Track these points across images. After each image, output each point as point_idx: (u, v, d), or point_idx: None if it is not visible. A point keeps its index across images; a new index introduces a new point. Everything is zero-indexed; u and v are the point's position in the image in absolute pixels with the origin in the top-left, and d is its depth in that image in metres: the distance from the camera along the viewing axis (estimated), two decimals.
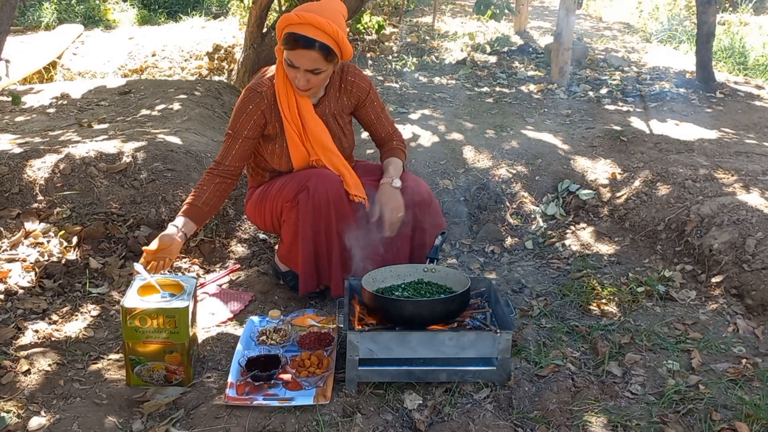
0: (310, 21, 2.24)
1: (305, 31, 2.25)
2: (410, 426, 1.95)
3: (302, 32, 2.25)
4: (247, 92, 2.47)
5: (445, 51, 7.07)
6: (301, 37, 2.25)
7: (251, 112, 2.44)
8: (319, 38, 2.25)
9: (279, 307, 2.62)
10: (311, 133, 2.47)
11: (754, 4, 9.50)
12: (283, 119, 2.46)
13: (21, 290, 2.61)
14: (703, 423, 1.93)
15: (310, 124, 2.47)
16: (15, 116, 4.28)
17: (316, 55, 2.27)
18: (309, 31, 2.25)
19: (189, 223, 2.37)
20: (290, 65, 2.32)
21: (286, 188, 2.47)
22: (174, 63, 7.16)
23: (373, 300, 2.15)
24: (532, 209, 3.48)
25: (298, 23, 2.25)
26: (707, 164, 3.47)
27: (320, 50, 2.27)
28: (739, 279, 2.66)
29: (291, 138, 2.47)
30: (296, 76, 2.34)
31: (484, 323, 2.18)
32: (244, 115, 2.45)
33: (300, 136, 2.47)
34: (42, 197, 3.04)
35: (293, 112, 2.45)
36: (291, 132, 2.46)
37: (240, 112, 2.45)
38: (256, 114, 2.45)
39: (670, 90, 5.47)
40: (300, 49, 2.27)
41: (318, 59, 2.29)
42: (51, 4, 8.66)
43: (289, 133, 2.47)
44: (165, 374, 2.08)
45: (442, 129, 4.24)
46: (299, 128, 2.47)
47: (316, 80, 2.36)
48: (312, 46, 2.26)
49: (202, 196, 2.42)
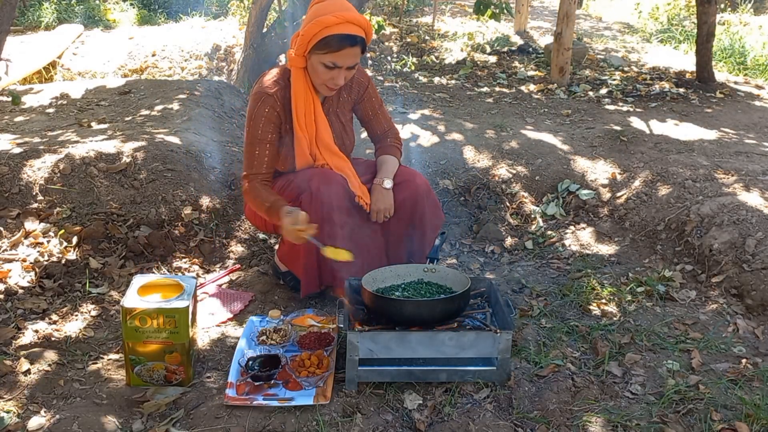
0: (349, 19, 2.27)
1: (348, 30, 2.27)
2: (410, 426, 1.95)
3: (346, 31, 2.27)
4: (259, 96, 2.44)
5: (445, 51, 7.07)
6: (348, 37, 2.27)
7: (269, 115, 2.43)
8: (359, 34, 2.30)
9: (279, 307, 2.62)
10: (320, 139, 2.48)
11: (753, 3, 9.50)
12: (294, 125, 2.45)
13: (21, 290, 2.61)
14: (703, 423, 1.93)
15: (321, 128, 2.48)
16: (15, 116, 4.28)
17: (358, 51, 2.33)
18: (351, 29, 2.28)
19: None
20: (330, 67, 2.33)
21: (287, 189, 2.47)
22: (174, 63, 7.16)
23: (373, 300, 2.15)
24: (532, 209, 3.48)
25: (336, 24, 2.26)
26: (707, 164, 3.47)
27: (361, 45, 2.32)
28: (739, 279, 2.66)
29: (299, 143, 2.46)
30: (336, 76, 2.35)
31: (484, 323, 2.18)
32: (263, 119, 2.43)
33: (310, 143, 2.48)
34: (42, 197, 3.03)
35: (310, 118, 2.46)
36: (301, 138, 2.45)
37: (258, 118, 2.43)
38: (273, 116, 2.44)
39: (670, 90, 5.47)
40: (347, 48, 2.29)
41: (358, 54, 2.34)
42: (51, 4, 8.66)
43: (299, 138, 2.46)
44: (165, 374, 2.08)
45: (442, 129, 4.24)
46: (312, 134, 2.47)
47: (350, 75, 2.40)
48: (356, 42, 2.30)
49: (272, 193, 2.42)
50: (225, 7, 9.39)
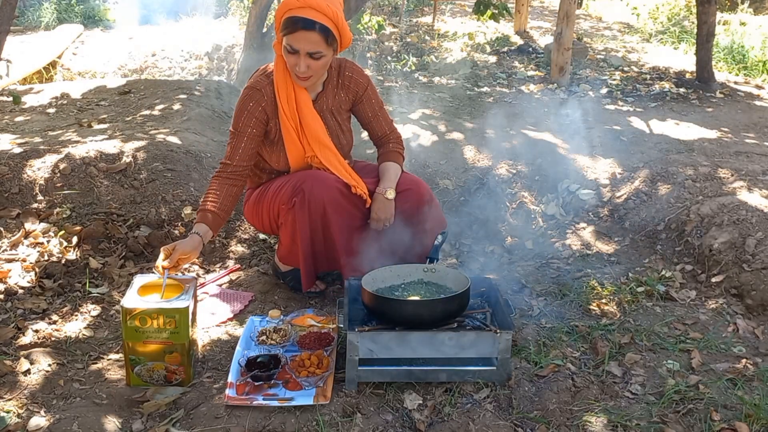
0: (309, 4, 2.26)
1: (306, 14, 2.27)
2: (410, 426, 1.95)
3: (303, 15, 2.27)
4: (247, 90, 2.48)
5: (445, 51, 7.07)
6: (302, 19, 2.27)
7: (252, 109, 2.45)
8: (319, 20, 2.27)
9: (279, 307, 2.62)
10: (308, 128, 2.47)
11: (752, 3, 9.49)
12: (280, 114, 2.46)
13: (21, 290, 2.61)
14: (703, 423, 1.93)
15: (308, 118, 2.47)
16: (15, 116, 4.28)
17: (317, 37, 2.28)
18: (309, 13, 2.27)
19: (208, 231, 2.35)
20: (291, 51, 2.32)
21: (282, 191, 2.48)
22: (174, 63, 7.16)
23: (373, 300, 2.15)
24: (532, 209, 3.48)
25: (298, 7, 2.27)
26: (707, 164, 3.47)
27: (320, 32, 2.28)
28: (739, 279, 2.66)
29: (288, 133, 2.47)
30: (297, 62, 2.33)
31: (484, 323, 2.17)
32: (246, 112, 2.45)
33: (297, 131, 2.47)
34: (42, 197, 3.03)
35: (291, 105, 2.46)
36: (288, 127, 2.46)
37: (241, 110, 2.46)
38: (257, 110, 2.45)
39: (670, 90, 5.47)
40: (300, 30, 2.27)
41: (318, 41, 2.29)
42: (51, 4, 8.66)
43: (286, 127, 2.46)
44: (165, 374, 2.08)
45: (442, 129, 4.24)
46: (296, 123, 2.47)
47: (317, 66, 2.35)
48: (312, 27, 2.27)
49: (217, 201, 2.39)
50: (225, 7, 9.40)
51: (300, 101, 2.46)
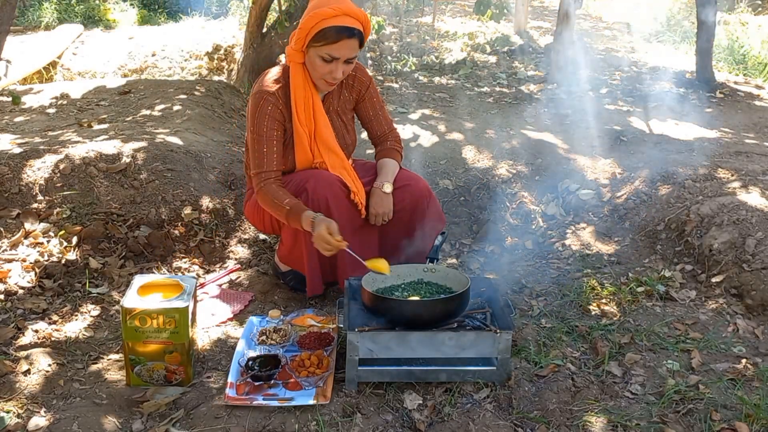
0: (346, 11, 2.28)
1: (345, 22, 2.28)
2: (410, 426, 1.95)
3: (343, 23, 2.27)
4: (261, 95, 2.44)
5: (445, 51, 7.07)
6: (345, 28, 2.28)
7: (272, 113, 2.43)
8: (356, 26, 2.31)
9: (279, 307, 2.62)
10: (320, 137, 2.48)
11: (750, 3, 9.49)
12: (294, 121, 2.45)
13: (21, 290, 2.61)
14: (703, 423, 1.93)
15: (321, 126, 2.47)
16: (15, 116, 4.28)
17: (355, 43, 2.33)
18: (347, 21, 2.28)
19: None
20: (328, 60, 2.32)
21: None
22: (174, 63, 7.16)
23: (373, 300, 2.14)
24: (532, 209, 3.48)
25: (333, 16, 2.27)
26: (707, 164, 3.47)
27: (358, 37, 2.32)
28: (739, 279, 2.66)
29: (300, 140, 2.46)
30: (333, 69, 2.34)
31: (484, 323, 2.17)
32: (267, 116, 2.43)
33: (309, 138, 2.47)
34: (42, 197, 3.03)
35: (308, 113, 2.45)
36: (301, 134, 2.45)
37: (262, 116, 2.43)
38: (276, 113, 2.44)
39: (670, 90, 5.47)
40: (344, 39, 2.29)
41: (356, 47, 2.34)
42: (51, 4, 8.65)
43: (299, 134, 2.45)
44: (165, 374, 2.08)
45: (442, 129, 4.24)
46: (311, 131, 2.47)
47: (349, 69, 2.39)
48: (353, 34, 2.30)
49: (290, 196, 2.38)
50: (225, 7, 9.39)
51: (316, 110, 2.46)
